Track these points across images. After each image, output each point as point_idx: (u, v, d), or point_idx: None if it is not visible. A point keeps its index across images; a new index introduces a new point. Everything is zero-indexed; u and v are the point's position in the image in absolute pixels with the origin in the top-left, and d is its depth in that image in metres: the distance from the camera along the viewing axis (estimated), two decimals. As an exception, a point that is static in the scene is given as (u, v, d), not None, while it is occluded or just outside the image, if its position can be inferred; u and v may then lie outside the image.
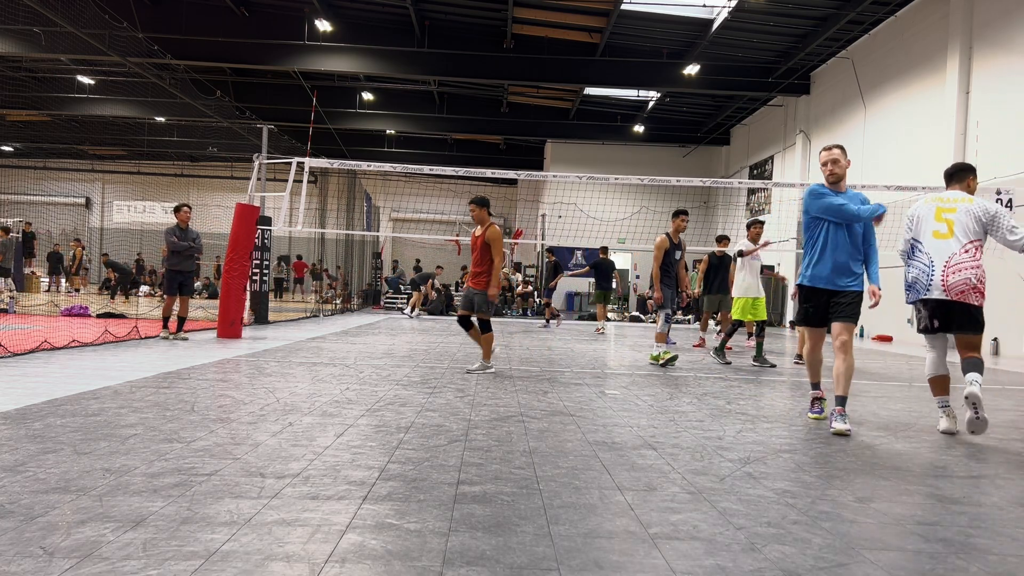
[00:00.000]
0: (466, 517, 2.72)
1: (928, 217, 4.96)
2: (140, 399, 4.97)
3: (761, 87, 20.82)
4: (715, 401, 5.95)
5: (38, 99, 23.91)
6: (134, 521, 2.52)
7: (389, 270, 27.73)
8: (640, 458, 3.79)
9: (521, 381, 6.78)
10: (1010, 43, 13.02)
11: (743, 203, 25.25)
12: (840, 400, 4.75)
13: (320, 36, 19.88)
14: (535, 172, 16.10)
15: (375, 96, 26.27)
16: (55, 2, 14.36)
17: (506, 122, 27.70)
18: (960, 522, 2.93)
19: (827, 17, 16.93)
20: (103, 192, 34.77)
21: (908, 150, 15.67)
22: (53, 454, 3.37)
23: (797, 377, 8.09)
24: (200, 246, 10.08)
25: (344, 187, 20.20)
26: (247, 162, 15.47)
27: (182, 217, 9.82)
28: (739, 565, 2.35)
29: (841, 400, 4.75)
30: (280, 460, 3.45)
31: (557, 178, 15.36)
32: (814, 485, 3.39)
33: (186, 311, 9.84)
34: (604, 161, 27.26)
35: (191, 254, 9.91)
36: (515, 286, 24.00)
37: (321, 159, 13.21)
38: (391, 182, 32.24)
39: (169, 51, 19.27)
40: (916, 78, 15.65)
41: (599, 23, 19.09)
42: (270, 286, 15.23)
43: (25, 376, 5.84)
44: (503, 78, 21.84)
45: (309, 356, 8.29)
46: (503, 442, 4.04)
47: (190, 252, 9.87)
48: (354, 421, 4.49)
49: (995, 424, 5.33)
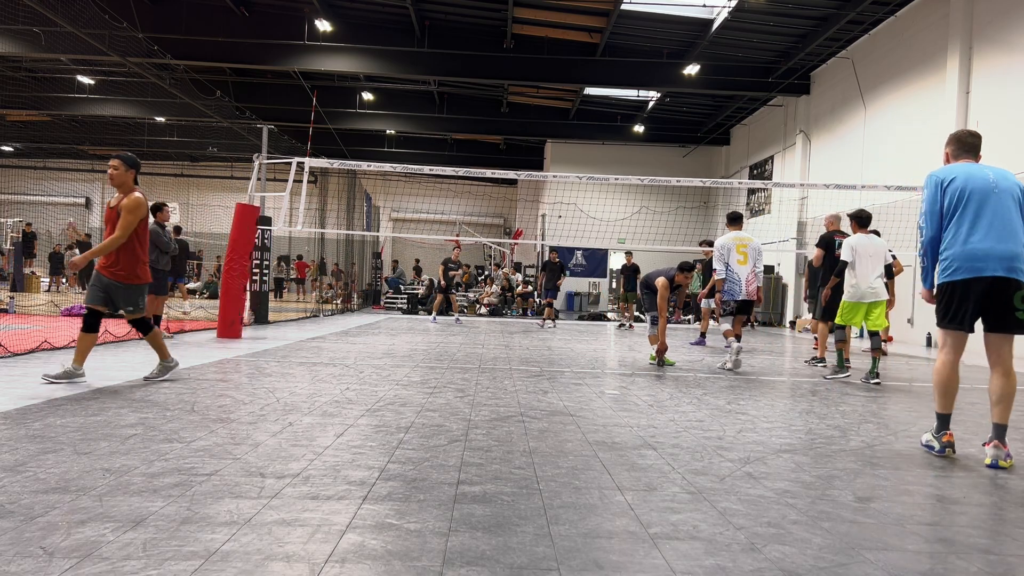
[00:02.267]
0: (466, 517, 2.72)
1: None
2: (140, 399, 4.97)
3: (761, 87, 20.82)
4: (715, 401, 5.95)
5: (38, 99, 23.91)
6: (134, 521, 2.52)
7: (389, 270, 27.73)
8: (640, 458, 3.78)
9: (521, 381, 6.78)
10: (1010, 43, 13.02)
11: (743, 203, 25.24)
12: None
13: (320, 36, 19.88)
14: (535, 172, 16.11)
15: (375, 96, 26.27)
16: (55, 2, 14.37)
17: (506, 122, 27.70)
18: (960, 522, 2.93)
19: (827, 17, 16.93)
20: (103, 192, 34.72)
21: (908, 150, 15.67)
22: (53, 454, 3.37)
23: (795, 377, 8.09)
24: (176, 243, 10.24)
25: (344, 187, 20.19)
26: (247, 162, 15.47)
27: (163, 216, 9.84)
28: (739, 565, 2.35)
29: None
30: (280, 460, 3.45)
31: (557, 178, 15.36)
32: (814, 485, 3.39)
33: (161, 309, 9.97)
34: (604, 161, 27.27)
35: (174, 254, 9.99)
36: (515, 286, 24.00)
37: (321, 159, 13.21)
38: (391, 182, 32.23)
39: (169, 51, 19.27)
40: (916, 78, 15.65)
41: (599, 23, 19.09)
42: (270, 286, 15.22)
43: (25, 376, 5.84)
44: (503, 78, 21.84)
45: (309, 356, 8.29)
46: (503, 442, 4.04)
47: (174, 252, 9.94)
48: (354, 421, 4.48)
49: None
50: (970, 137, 4.40)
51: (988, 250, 3.99)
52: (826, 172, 19.43)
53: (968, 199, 4.09)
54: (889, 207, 15.21)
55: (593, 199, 23.01)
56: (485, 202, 34.21)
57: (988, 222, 4.04)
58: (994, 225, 4.03)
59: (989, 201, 4.07)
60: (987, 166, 4.26)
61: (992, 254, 3.98)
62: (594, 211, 22.88)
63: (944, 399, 4.18)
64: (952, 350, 4.15)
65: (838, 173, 18.40)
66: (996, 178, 4.16)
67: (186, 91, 20.39)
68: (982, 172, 4.18)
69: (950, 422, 4.21)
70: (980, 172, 4.18)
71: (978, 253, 4.00)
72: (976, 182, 4.13)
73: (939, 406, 4.22)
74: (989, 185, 4.11)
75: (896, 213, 14.57)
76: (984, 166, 4.26)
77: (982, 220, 4.04)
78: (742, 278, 8.41)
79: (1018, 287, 3.96)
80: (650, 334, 8.70)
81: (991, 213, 4.05)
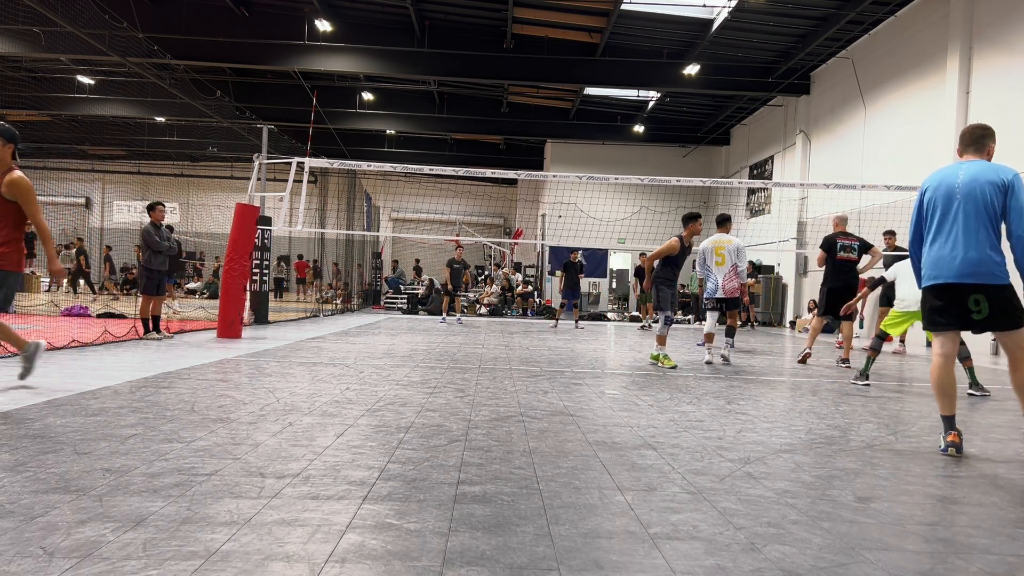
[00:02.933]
0: (466, 517, 2.72)
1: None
2: (140, 399, 4.97)
3: (761, 87, 20.81)
4: (715, 401, 5.95)
5: (38, 99, 23.91)
6: (134, 521, 2.52)
7: (389, 270, 27.72)
8: (640, 458, 3.78)
9: (521, 381, 6.78)
10: (1010, 43, 13.02)
11: (743, 203, 25.24)
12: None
13: (320, 36, 19.88)
14: (535, 172, 16.09)
15: (375, 96, 26.27)
16: (55, 2, 14.36)
17: (506, 122, 27.69)
18: (960, 522, 2.93)
19: (827, 17, 16.92)
20: (103, 192, 34.74)
21: (908, 150, 15.67)
22: (53, 454, 3.37)
23: (795, 377, 8.09)
24: (175, 243, 10.20)
25: (344, 187, 20.19)
26: (247, 162, 15.46)
27: (158, 215, 9.83)
28: (739, 565, 2.35)
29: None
30: (280, 460, 3.45)
31: (557, 178, 15.35)
32: (814, 485, 3.39)
33: (159, 310, 9.99)
34: (604, 161, 27.26)
35: (172, 254, 9.98)
36: (515, 286, 24.00)
37: (321, 159, 13.21)
38: (391, 182, 32.23)
39: (169, 51, 19.26)
40: (916, 78, 15.64)
41: (599, 23, 19.09)
42: (270, 286, 15.22)
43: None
44: (503, 78, 21.84)
45: (309, 356, 8.29)
46: (503, 442, 4.04)
47: (171, 252, 9.93)
48: (354, 421, 4.48)
49: (995, 424, 5.33)
50: (972, 132, 4.42)
51: (943, 257, 4.18)
52: (826, 172, 19.43)
53: (935, 208, 4.30)
54: (889, 207, 15.22)
55: (593, 199, 23.00)
56: (485, 202, 34.19)
57: (948, 229, 4.21)
58: (951, 233, 4.18)
59: (951, 209, 4.21)
60: (965, 164, 4.30)
61: (943, 261, 4.17)
62: (594, 211, 22.88)
63: (943, 400, 4.24)
64: (941, 350, 4.28)
65: (838, 173, 18.40)
66: (965, 180, 4.21)
67: (186, 91, 20.39)
68: (952, 178, 4.26)
69: (955, 422, 4.24)
70: (950, 178, 4.27)
71: (937, 260, 4.21)
72: (943, 190, 4.27)
73: (940, 407, 4.30)
74: (953, 192, 4.22)
75: (896, 213, 14.56)
76: (962, 166, 4.31)
77: (944, 228, 4.23)
78: (720, 278, 9.10)
79: (973, 290, 4.10)
80: (660, 334, 8.72)
81: (951, 220, 4.20)
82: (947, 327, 4.22)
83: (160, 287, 9.81)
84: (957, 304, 4.16)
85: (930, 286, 4.26)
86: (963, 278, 4.10)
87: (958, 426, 4.29)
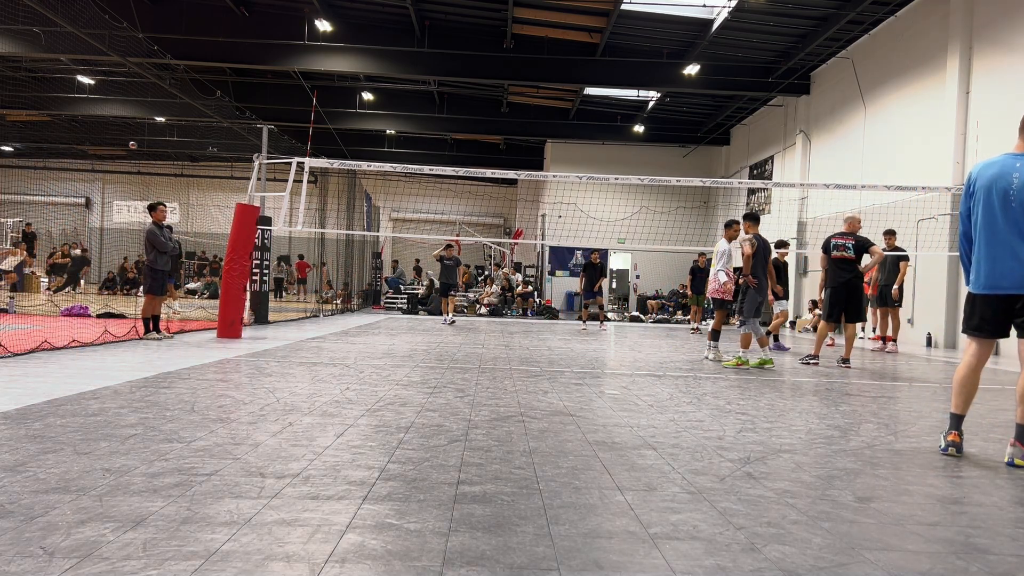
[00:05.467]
0: (466, 517, 2.72)
1: None
2: (140, 399, 4.97)
3: (761, 87, 20.81)
4: (715, 401, 5.95)
5: (38, 99, 23.90)
6: (134, 521, 2.52)
7: (389, 270, 27.71)
8: (640, 458, 3.78)
9: (521, 381, 6.78)
10: (1010, 43, 13.01)
11: (743, 203, 25.22)
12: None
13: (320, 36, 19.88)
14: (535, 172, 16.09)
15: (375, 96, 26.27)
16: (55, 2, 14.36)
17: (506, 122, 27.69)
18: (960, 522, 2.93)
19: (827, 17, 16.92)
20: (103, 192, 34.74)
21: (908, 150, 15.67)
22: (53, 454, 3.37)
23: (795, 377, 8.09)
24: (177, 243, 10.22)
25: (344, 187, 20.18)
26: (247, 162, 15.45)
27: (159, 215, 9.83)
28: (739, 565, 2.35)
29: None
30: (280, 460, 3.45)
31: (557, 178, 15.35)
32: (814, 485, 3.39)
33: (159, 309, 10.00)
34: (604, 161, 27.26)
35: (175, 254, 10.00)
36: (515, 286, 23.99)
37: (321, 159, 13.20)
38: (391, 182, 32.22)
39: (169, 51, 19.25)
40: (916, 78, 15.64)
41: (599, 23, 19.09)
42: (270, 286, 15.22)
43: (25, 376, 5.84)
44: (503, 78, 21.84)
45: (309, 356, 8.29)
46: (503, 442, 4.04)
47: (174, 252, 9.95)
48: (354, 421, 4.48)
49: (995, 424, 5.33)
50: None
51: (1001, 267, 3.94)
52: (826, 172, 19.42)
53: (988, 205, 4.00)
54: (889, 207, 15.21)
55: (593, 199, 23.00)
56: (485, 202, 34.18)
57: (1003, 232, 3.94)
58: (1009, 237, 3.93)
59: (1009, 209, 3.93)
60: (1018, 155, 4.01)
61: (1000, 269, 3.95)
62: (594, 211, 22.87)
63: (958, 398, 4.18)
64: (974, 355, 4.18)
65: (838, 173, 18.39)
66: (999, 173, 3.94)
67: (186, 91, 20.38)
68: (1007, 173, 3.94)
69: (961, 423, 4.22)
70: (1005, 175, 3.94)
71: (992, 269, 3.99)
72: (999, 185, 3.95)
73: (953, 405, 4.22)
74: (1008, 190, 3.92)
75: (896, 213, 14.56)
76: (1019, 158, 3.99)
77: (996, 230, 3.98)
78: (709, 280, 9.82)
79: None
80: (745, 332, 8.97)
81: (1008, 221, 3.93)
82: (991, 335, 4.12)
83: (162, 287, 9.84)
84: (1006, 312, 4.01)
85: (986, 295, 4.04)
86: (1019, 289, 3.92)
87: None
